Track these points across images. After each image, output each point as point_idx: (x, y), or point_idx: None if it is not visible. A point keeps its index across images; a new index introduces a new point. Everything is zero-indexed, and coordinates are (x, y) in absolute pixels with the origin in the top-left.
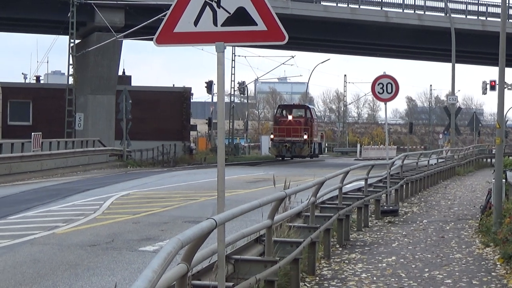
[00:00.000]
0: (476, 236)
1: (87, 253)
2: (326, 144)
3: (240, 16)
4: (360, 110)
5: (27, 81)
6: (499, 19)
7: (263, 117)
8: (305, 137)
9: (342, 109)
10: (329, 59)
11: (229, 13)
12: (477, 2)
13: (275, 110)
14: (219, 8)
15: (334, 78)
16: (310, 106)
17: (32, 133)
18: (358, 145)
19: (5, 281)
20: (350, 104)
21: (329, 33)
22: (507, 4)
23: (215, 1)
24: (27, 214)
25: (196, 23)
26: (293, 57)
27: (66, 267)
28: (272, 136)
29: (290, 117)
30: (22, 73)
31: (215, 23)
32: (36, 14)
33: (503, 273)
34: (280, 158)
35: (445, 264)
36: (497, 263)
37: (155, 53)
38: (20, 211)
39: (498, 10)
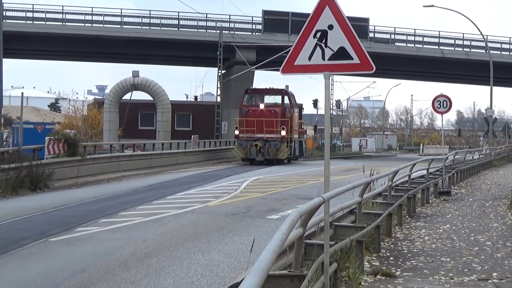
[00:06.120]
0: (508, 211)
1: (230, 219)
2: (309, 144)
3: (341, 53)
4: (422, 120)
5: (188, 99)
6: None
7: (353, 124)
8: (283, 133)
9: (409, 119)
10: (400, 83)
11: (333, 51)
12: (509, 42)
13: (243, 97)
14: (326, 48)
15: (404, 97)
16: (288, 91)
17: (192, 136)
18: (421, 145)
19: (173, 238)
20: (415, 115)
21: (401, 64)
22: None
23: (323, 43)
24: (188, 192)
25: (310, 58)
26: (374, 82)
27: (216, 229)
28: (237, 133)
29: (262, 106)
30: (185, 94)
31: (323, 58)
32: (195, 52)
33: None
34: (248, 162)
35: (486, 231)
36: None
37: (277, 80)
38: (183, 190)
39: None
